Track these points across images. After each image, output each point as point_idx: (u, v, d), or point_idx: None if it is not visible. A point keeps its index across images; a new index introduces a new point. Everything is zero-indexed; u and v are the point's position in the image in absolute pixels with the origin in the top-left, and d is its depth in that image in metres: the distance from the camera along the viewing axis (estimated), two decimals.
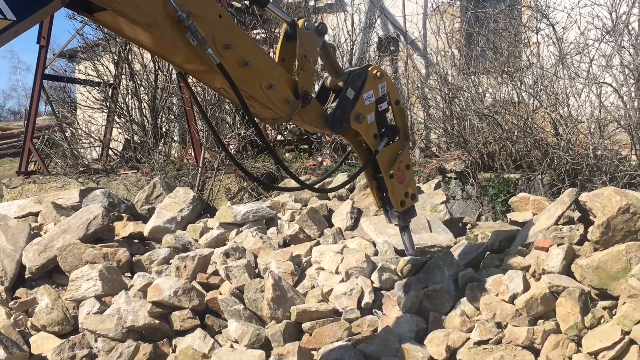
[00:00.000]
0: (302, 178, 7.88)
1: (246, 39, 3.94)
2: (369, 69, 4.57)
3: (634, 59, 7.05)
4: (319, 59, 4.37)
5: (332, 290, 5.28)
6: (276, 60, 4.20)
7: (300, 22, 4.11)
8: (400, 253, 5.70)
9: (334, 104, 4.41)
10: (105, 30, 10.75)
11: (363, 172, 4.93)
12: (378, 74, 4.57)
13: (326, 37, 4.36)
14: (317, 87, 4.65)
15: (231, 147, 9.24)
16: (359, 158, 5.08)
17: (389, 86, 4.69)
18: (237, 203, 7.62)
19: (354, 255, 5.57)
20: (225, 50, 3.71)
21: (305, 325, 5.03)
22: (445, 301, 4.94)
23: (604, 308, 4.44)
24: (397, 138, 4.78)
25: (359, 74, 4.50)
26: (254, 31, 9.79)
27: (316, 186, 5.35)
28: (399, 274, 5.33)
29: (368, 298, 5.15)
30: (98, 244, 6.36)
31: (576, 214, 5.43)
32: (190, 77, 4.34)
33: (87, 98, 11.09)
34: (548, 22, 7.67)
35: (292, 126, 9.64)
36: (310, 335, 4.96)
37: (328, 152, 8.88)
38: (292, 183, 7.72)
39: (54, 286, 6.13)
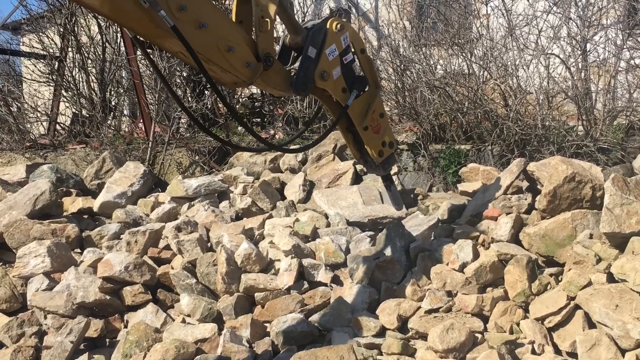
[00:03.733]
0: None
1: (202, 0, 3.74)
2: (329, 22, 4.36)
3: (581, 30, 7.16)
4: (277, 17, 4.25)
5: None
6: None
7: None
8: (352, 225, 5.73)
9: (297, 65, 4.23)
10: (49, 1, 10.48)
11: (339, 128, 4.79)
12: (338, 26, 4.34)
13: None
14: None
15: (182, 120, 9.13)
16: (330, 113, 4.95)
17: (352, 36, 4.49)
18: (189, 177, 7.55)
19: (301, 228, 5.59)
20: (180, 12, 3.53)
21: (258, 296, 5.03)
22: (397, 272, 4.98)
23: (551, 275, 4.54)
24: (366, 88, 4.63)
25: (318, 30, 4.29)
26: None
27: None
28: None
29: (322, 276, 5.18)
30: (46, 220, 6.23)
31: (525, 184, 5.52)
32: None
33: (33, 71, 10.81)
34: None
35: (243, 99, 9.55)
36: (263, 307, 4.96)
37: (280, 125, 8.84)
38: (244, 156, 7.70)
39: (0, 263, 6.00)
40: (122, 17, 3.56)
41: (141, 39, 3.93)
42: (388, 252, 5.15)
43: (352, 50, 4.52)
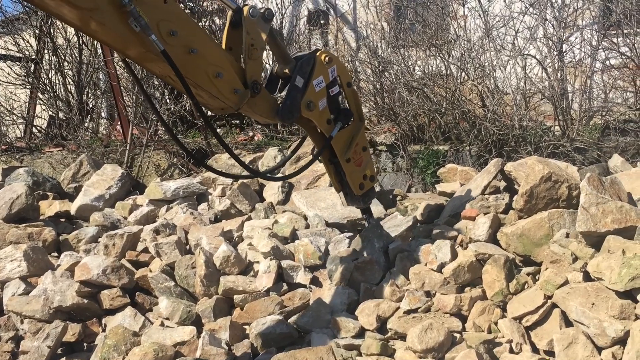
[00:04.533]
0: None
1: (193, 26, 3.82)
2: (317, 54, 4.48)
3: (557, 31, 7.22)
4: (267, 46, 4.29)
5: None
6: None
7: (245, 10, 4.00)
8: (330, 226, 5.73)
9: (284, 94, 4.32)
10: (25, 3, 10.35)
11: (321, 157, 4.86)
12: (327, 58, 4.47)
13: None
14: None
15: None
16: (314, 144, 5.03)
17: (339, 69, 4.61)
18: (167, 179, 7.51)
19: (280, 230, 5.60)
20: (170, 37, 3.58)
21: (237, 298, 5.02)
22: (376, 272, 4.99)
23: (528, 274, 4.57)
24: (351, 121, 4.72)
25: (307, 61, 4.40)
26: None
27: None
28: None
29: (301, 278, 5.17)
30: (22, 224, 6.18)
31: (502, 184, 5.55)
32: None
33: (9, 74, 10.68)
34: None
35: None
36: (242, 309, 4.95)
37: (259, 126, 8.82)
38: (223, 158, 7.68)
39: None
40: (114, 40, 3.60)
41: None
42: (366, 253, 5.16)
43: (339, 83, 4.63)
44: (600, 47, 7.28)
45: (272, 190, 6.61)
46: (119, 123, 9.18)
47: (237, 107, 4.06)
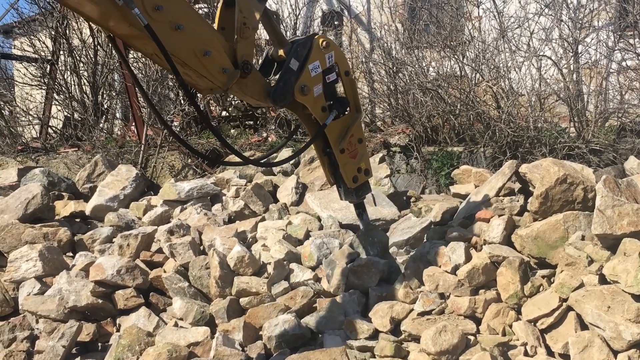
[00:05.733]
0: (247, 154, 7.85)
1: (180, 1, 3.67)
2: (315, 38, 4.35)
3: (572, 32, 7.18)
4: (261, 27, 4.18)
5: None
6: (215, 28, 3.96)
7: None
8: (344, 227, 5.72)
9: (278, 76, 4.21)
10: (41, 4, 10.45)
11: (313, 147, 4.74)
12: (324, 43, 4.35)
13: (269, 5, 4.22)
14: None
15: (175, 123, 9.11)
16: (308, 132, 4.91)
17: (337, 56, 4.47)
18: (181, 180, 7.53)
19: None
20: (155, 12, 3.45)
21: (243, 301, 5.02)
22: (373, 275, 4.96)
23: (543, 277, 4.53)
24: (347, 111, 4.61)
25: (303, 44, 4.29)
26: (197, 6, 9.62)
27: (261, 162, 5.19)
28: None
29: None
30: (38, 224, 6.21)
31: (517, 186, 5.52)
32: (134, 53, 4.12)
33: (25, 75, 10.78)
34: None
35: (237, 102, 9.54)
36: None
37: (273, 127, 8.83)
38: (236, 159, 7.69)
39: None
40: (96, 14, 3.48)
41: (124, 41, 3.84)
42: (363, 255, 5.12)
43: (337, 70, 4.50)
44: (616, 48, 7.24)
45: (286, 192, 6.61)
46: (133, 124, 9.23)
47: (226, 87, 3.94)
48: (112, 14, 3.38)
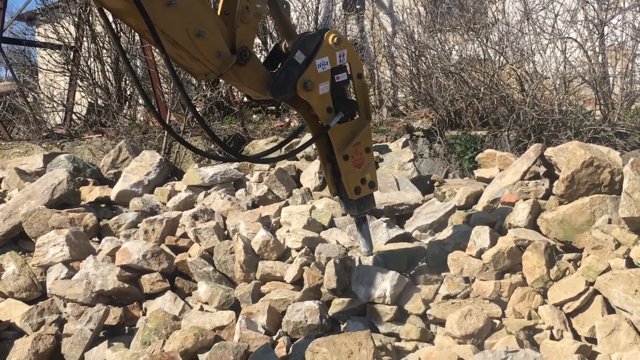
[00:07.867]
0: (270, 139, 7.86)
1: None
2: (326, 33, 4.06)
3: (598, 14, 7.08)
4: (270, 18, 4.08)
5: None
6: (219, 14, 3.77)
7: None
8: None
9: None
10: None
11: (317, 151, 4.44)
12: (336, 39, 4.04)
13: None
14: None
15: (198, 109, 9.14)
16: (312, 134, 4.52)
17: (350, 56, 4.15)
18: (205, 165, 7.57)
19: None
20: None
21: (264, 289, 5.04)
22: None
23: (569, 260, 4.51)
24: (355, 116, 4.29)
25: (312, 37, 4.02)
26: None
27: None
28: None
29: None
30: (64, 209, 6.27)
31: (542, 169, 5.48)
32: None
33: (48, 61, 10.86)
34: None
35: None
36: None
37: (295, 112, 8.81)
38: (260, 144, 7.71)
39: (20, 252, 6.04)
40: None
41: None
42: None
43: (349, 72, 4.21)
44: None
45: (309, 176, 6.62)
46: (157, 109, 9.27)
47: (220, 72, 3.72)
48: None
